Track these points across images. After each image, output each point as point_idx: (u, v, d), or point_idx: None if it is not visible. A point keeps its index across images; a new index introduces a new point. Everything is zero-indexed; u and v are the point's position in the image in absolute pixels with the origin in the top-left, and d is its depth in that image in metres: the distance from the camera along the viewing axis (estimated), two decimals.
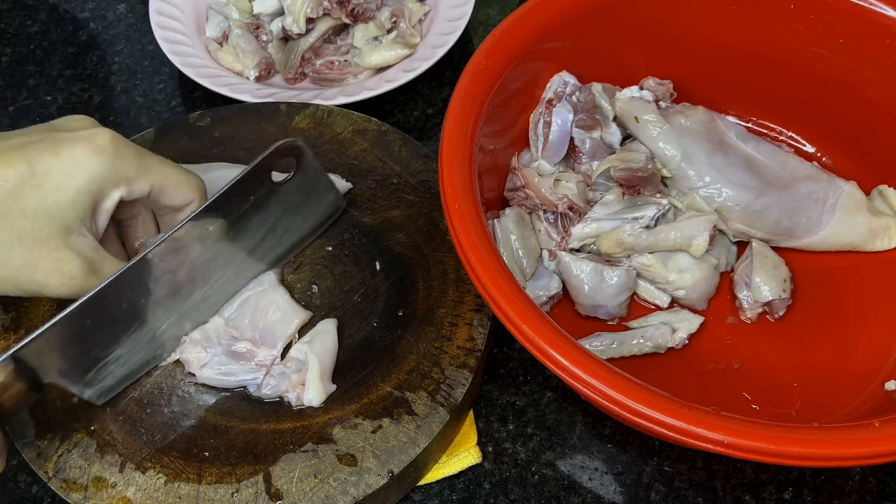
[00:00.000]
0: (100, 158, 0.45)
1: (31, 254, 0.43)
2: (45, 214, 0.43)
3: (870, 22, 0.59)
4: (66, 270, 0.44)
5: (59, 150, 0.44)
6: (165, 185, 0.49)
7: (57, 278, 0.43)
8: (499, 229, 0.58)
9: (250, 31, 0.76)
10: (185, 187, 0.50)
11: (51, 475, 0.49)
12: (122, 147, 0.46)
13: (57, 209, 0.43)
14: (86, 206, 0.45)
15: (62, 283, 0.44)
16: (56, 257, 0.43)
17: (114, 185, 0.46)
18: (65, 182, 0.44)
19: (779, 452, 0.41)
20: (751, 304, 0.59)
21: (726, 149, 0.61)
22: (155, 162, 0.48)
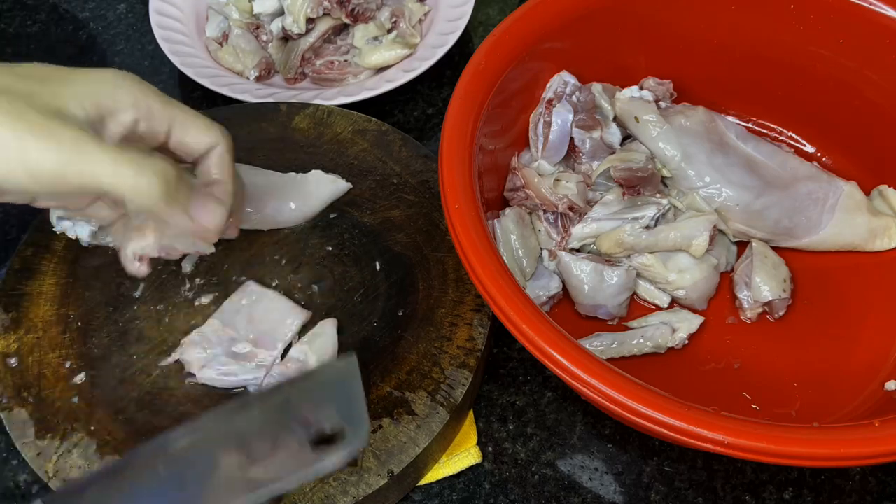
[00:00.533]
0: (123, 77, 0.45)
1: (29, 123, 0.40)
2: (48, 93, 0.42)
3: (870, 22, 0.59)
4: (58, 134, 0.40)
5: (87, 70, 0.45)
6: (187, 124, 0.47)
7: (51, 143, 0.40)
8: (499, 229, 0.58)
9: (250, 31, 0.76)
10: (209, 130, 0.48)
11: (51, 475, 0.49)
12: (147, 84, 0.46)
13: (61, 95, 0.42)
14: (93, 105, 0.43)
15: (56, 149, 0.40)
16: (49, 125, 0.40)
17: (132, 101, 0.44)
18: (79, 79, 0.43)
19: (779, 452, 0.41)
20: (751, 304, 0.59)
21: (726, 149, 0.61)
22: (178, 104, 0.47)
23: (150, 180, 0.42)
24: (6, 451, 0.56)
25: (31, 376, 0.53)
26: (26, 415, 0.51)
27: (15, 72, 0.43)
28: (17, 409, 0.52)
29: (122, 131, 0.44)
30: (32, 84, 0.42)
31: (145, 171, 0.42)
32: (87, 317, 0.56)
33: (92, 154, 0.40)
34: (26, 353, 0.54)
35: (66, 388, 0.53)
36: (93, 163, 0.40)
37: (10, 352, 0.54)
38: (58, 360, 0.54)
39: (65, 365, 0.54)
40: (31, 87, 0.42)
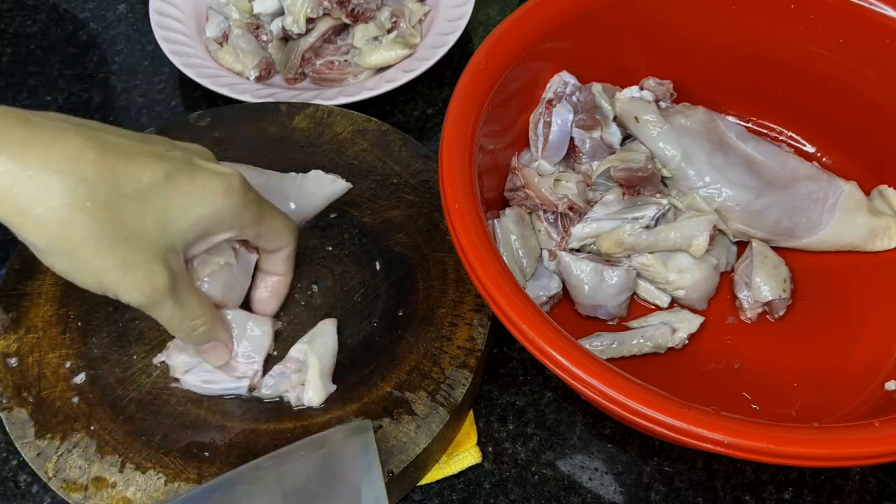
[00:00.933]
0: (227, 199, 0.46)
1: (131, 255, 0.43)
2: (159, 227, 0.44)
3: (870, 22, 0.59)
4: (154, 281, 0.44)
5: (195, 177, 0.45)
6: (270, 231, 0.51)
7: (143, 286, 0.44)
8: (499, 229, 0.58)
9: (250, 31, 0.76)
10: (284, 235, 0.53)
11: (51, 475, 0.49)
12: (248, 193, 0.48)
13: (171, 227, 0.45)
14: (196, 234, 0.46)
15: (144, 293, 0.44)
16: (151, 267, 0.44)
17: (228, 226, 0.48)
18: (190, 206, 0.45)
19: (779, 452, 0.41)
20: (751, 304, 0.59)
21: (726, 149, 0.61)
22: (269, 211, 0.51)
23: (186, 328, 0.48)
24: (6, 451, 0.56)
25: (31, 376, 0.53)
26: (26, 415, 0.51)
27: (141, 185, 0.43)
28: (17, 409, 0.52)
29: (210, 247, 0.49)
30: (151, 216, 0.44)
31: (185, 323, 0.48)
32: (87, 317, 0.56)
33: (167, 306, 0.46)
34: (26, 353, 0.54)
35: (66, 388, 0.53)
36: (163, 312, 0.47)
37: (10, 352, 0.54)
38: (58, 360, 0.54)
39: (65, 365, 0.54)
40: (150, 221, 0.44)
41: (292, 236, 0.54)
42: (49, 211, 0.40)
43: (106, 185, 0.42)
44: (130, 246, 0.43)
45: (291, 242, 0.54)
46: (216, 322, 0.50)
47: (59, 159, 0.41)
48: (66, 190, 0.40)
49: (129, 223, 0.43)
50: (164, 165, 0.44)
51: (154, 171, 0.44)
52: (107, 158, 0.42)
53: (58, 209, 0.40)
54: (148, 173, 0.44)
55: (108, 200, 0.42)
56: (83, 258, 0.42)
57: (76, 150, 0.41)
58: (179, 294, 0.46)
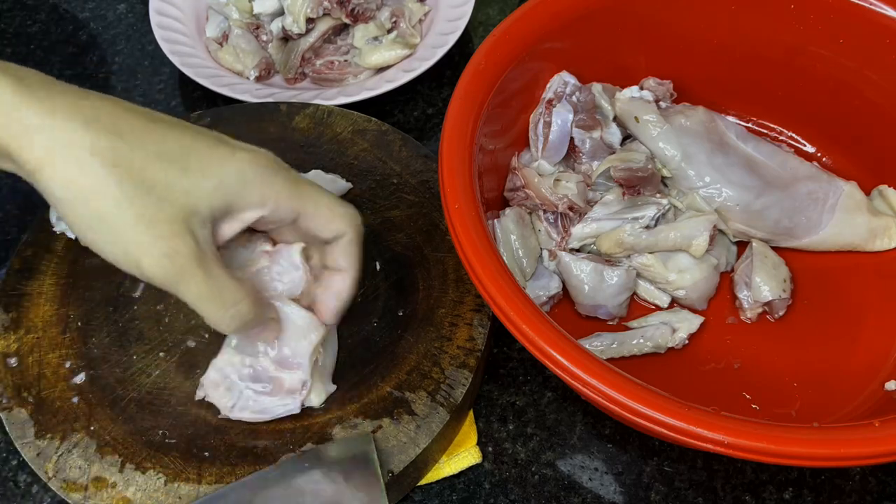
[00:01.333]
0: (255, 167, 0.44)
1: (152, 211, 0.41)
2: (183, 185, 0.42)
3: (870, 22, 0.59)
4: (176, 243, 0.41)
5: (220, 146, 0.44)
6: (316, 213, 0.47)
7: (163, 245, 0.41)
8: (499, 229, 0.58)
9: (250, 31, 0.76)
10: (338, 218, 0.47)
11: (51, 475, 0.49)
12: (281, 168, 0.46)
13: (195, 188, 0.42)
14: (223, 202, 0.43)
15: (166, 255, 0.41)
16: (173, 227, 0.41)
17: (260, 200, 0.44)
18: (213, 169, 0.43)
19: (779, 452, 0.41)
20: (751, 304, 0.59)
21: (726, 149, 0.61)
22: (310, 188, 0.47)
23: (231, 316, 0.45)
24: (6, 451, 0.56)
25: (31, 376, 0.53)
26: (26, 415, 0.51)
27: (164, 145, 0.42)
28: (17, 409, 0.52)
29: (242, 227, 0.45)
30: (174, 171, 0.42)
31: (226, 308, 0.44)
32: (87, 317, 0.56)
33: (193, 279, 0.42)
34: (26, 353, 0.54)
35: (66, 388, 0.53)
36: (192, 287, 0.43)
37: (10, 352, 0.54)
38: (58, 360, 0.54)
39: (65, 365, 0.54)
40: (172, 177, 0.42)
41: (348, 220, 0.48)
42: (70, 157, 0.40)
43: (128, 137, 0.41)
44: (152, 200, 0.41)
45: (349, 229, 0.48)
46: (261, 301, 0.47)
47: (89, 111, 0.41)
48: (88, 137, 0.40)
49: (151, 177, 0.41)
50: (189, 131, 0.43)
51: (179, 133, 0.43)
52: (132, 118, 0.42)
53: (79, 155, 0.40)
54: (172, 134, 0.43)
55: (131, 153, 0.41)
56: (102, 209, 0.41)
57: (106, 106, 0.41)
58: (210, 267, 0.43)
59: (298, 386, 0.50)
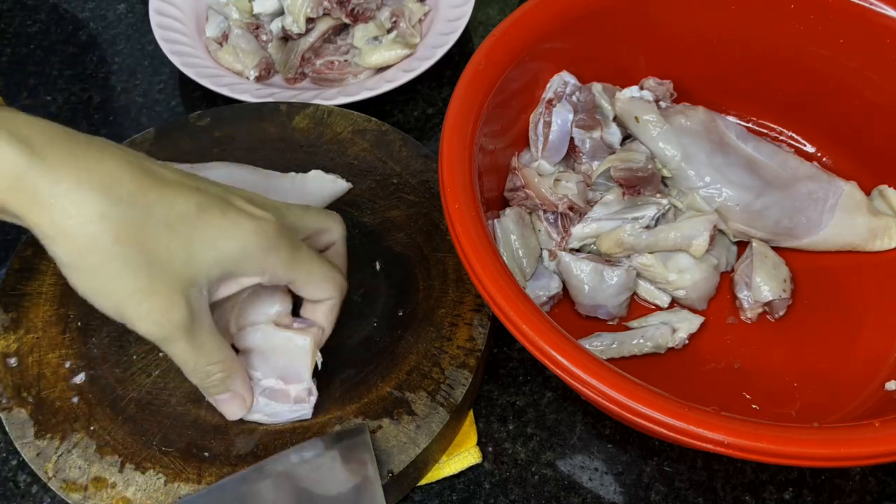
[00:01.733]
0: (259, 240, 0.45)
1: (151, 283, 0.42)
2: (184, 257, 0.43)
3: (870, 22, 0.59)
4: (171, 314, 0.43)
5: (228, 213, 0.45)
6: (309, 281, 0.49)
7: (158, 316, 0.43)
8: (499, 229, 0.58)
9: (250, 31, 0.76)
10: (327, 285, 0.50)
11: (51, 475, 0.49)
12: (283, 238, 0.47)
13: (196, 260, 0.44)
14: (221, 272, 0.45)
15: (159, 323, 0.43)
16: (171, 298, 0.43)
17: (258, 269, 0.46)
18: (217, 241, 0.44)
19: (779, 452, 0.41)
20: (751, 304, 0.59)
21: (726, 149, 0.61)
22: (306, 258, 0.48)
23: (200, 373, 0.47)
24: (6, 451, 0.56)
25: (30, 376, 0.53)
26: (26, 415, 0.51)
27: (173, 212, 0.43)
28: (17, 409, 0.52)
29: (238, 289, 0.47)
30: (179, 243, 0.43)
31: (198, 367, 0.47)
32: (87, 317, 0.56)
33: (181, 343, 0.45)
34: (26, 353, 0.54)
35: (66, 388, 0.53)
36: (176, 349, 0.45)
37: (10, 352, 0.54)
38: (58, 360, 0.54)
39: (65, 365, 0.54)
40: (175, 249, 0.43)
41: (335, 288, 0.50)
42: (78, 226, 0.40)
43: (137, 207, 0.42)
44: (153, 272, 0.42)
45: (335, 294, 0.51)
46: (235, 373, 0.49)
47: (97, 176, 0.41)
48: (97, 207, 0.41)
49: (154, 249, 0.42)
50: (198, 197, 0.44)
51: (188, 200, 0.43)
52: (143, 182, 0.42)
53: (87, 225, 0.41)
54: (181, 201, 0.43)
55: (137, 223, 0.42)
56: (104, 278, 0.42)
57: (115, 170, 0.42)
58: (196, 334, 0.45)
59: (305, 395, 0.51)
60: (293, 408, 0.51)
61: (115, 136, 0.73)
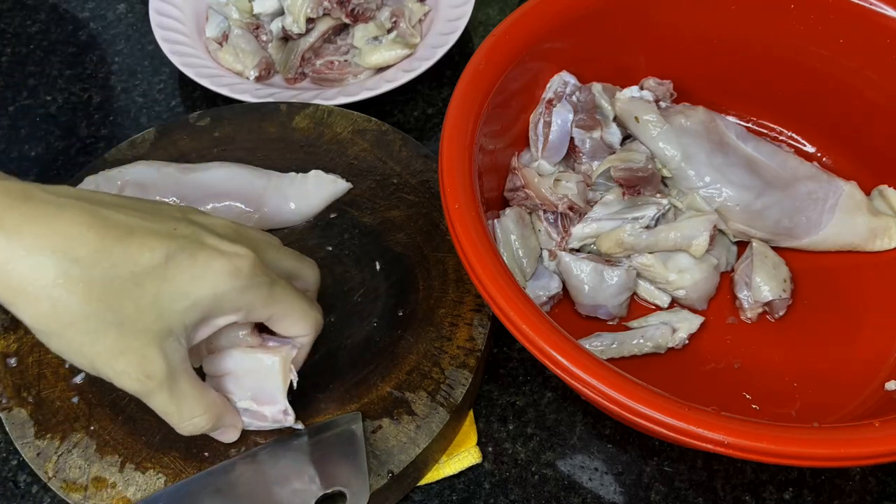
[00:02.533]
0: (233, 280, 0.44)
1: (124, 341, 0.41)
2: (155, 310, 0.42)
3: (870, 22, 0.59)
4: (147, 368, 0.42)
5: (198, 256, 0.43)
6: (286, 316, 0.47)
7: (135, 372, 0.42)
8: (499, 229, 0.58)
9: (250, 31, 0.76)
10: (303, 322, 0.48)
11: (51, 475, 0.49)
12: (258, 276, 0.45)
13: (168, 311, 0.42)
14: (197, 317, 0.43)
15: (137, 380, 0.42)
16: (144, 353, 0.42)
17: (234, 309, 0.45)
18: (189, 289, 0.43)
19: (779, 452, 0.41)
20: (751, 304, 0.59)
21: (726, 149, 0.61)
22: (283, 294, 0.47)
23: (186, 426, 0.46)
24: (6, 451, 0.56)
25: (31, 376, 0.53)
26: (26, 415, 0.51)
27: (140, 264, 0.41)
28: (17, 409, 0.52)
29: (214, 331, 0.46)
30: (147, 298, 0.41)
31: (184, 421, 0.45)
32: None
33: (162, 396, 0.44)
34: (26, 353, 0.54)
35: (66, 388, 0.53)
36: (157, 403, 0.44)
37: (10, 352, 0.54)
38: (58, 360, 0.54)
39: (65, 365, 0.54)
40: (145, 304, 0.41)
41: (311, 325, 0.49)
42: (40, 290, 0.39)
43: (101, 266, 0.40)
44: (124, 330, 0.41)
45: (310, 332, 0.49)
46: (222, 416, 0.47)
47: (55, 238, 0.40)
48: (58, 269, 0.39)
49: (123, 306, 0.41)
50: (166, 246, 0.42)
51: (154, 252, 0.42)
52: (105, 238, 0.41)
53: (49, 288, 0.39)
54: (147, 254, 0.42)
55: (103, 282, 0.40)
56: (74, 339, 0.41)
57: (74, 228, 0.40)
58: (177, 386, 0.44)
59: (281, 416, 0.49)
60: (272, 424, 0.50)
61: (115, 137, 0.73)
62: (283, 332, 0.49)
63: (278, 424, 0.50)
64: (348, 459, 0.48)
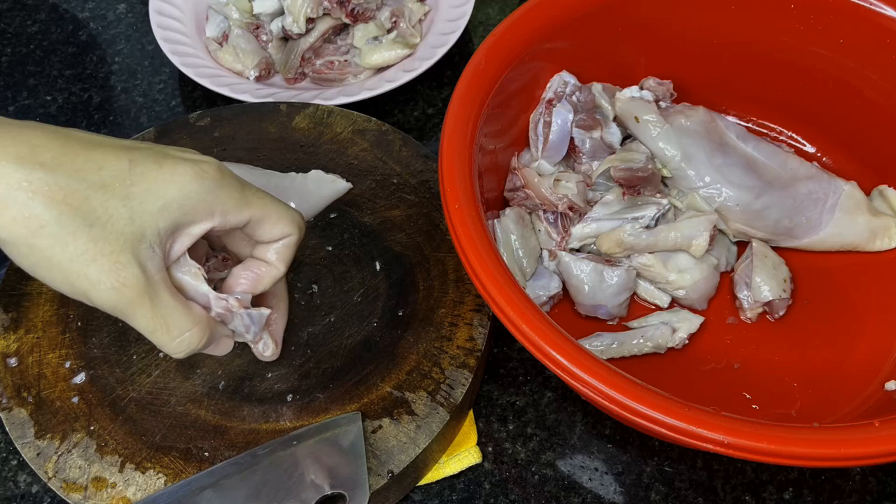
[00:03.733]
0: (200, 181, 0.43)
1: (95, 245, 0.40)
2: (125, 213, 0.41)
3: (870, 22, 0.59)
4: (122, 274, 0.41)
5: (163, 163, 0.43)
6: (264, 219, 0.46)
7: (108, 279, 0.41)
8: (499, 229, 0.58)
9: (250, 31, 0.76)
10: (283, 222, 0.47)
11: (51, 475, 0.49)
12: (226, 177, 0.45)
13: (138, 214, 0.41)
14: (169, 222, 0.42)
15: (112, 288, 0.41)
16: (117, 258, 0.41)
17: (207, 213, 0.44)
18: (157, 190, 0.42)
19: (779, 452, 0.41)
20: (751, 304, 0.59)
21: (726, 149, 0.61)
22: (256, 195, 0.46)
23: (178, 345, 0.44)
24: (6, 451, 0.56)
25: (31, 376, 0.53)
26: (26, 415, 0.51)
27: (104, 172, 0.41)
28: (17, 409, 0.52)
29: (192, 241, 0.44)
30: (115, 201, 0.41)
31: (173, 338, 0.44)
32: (87, 317, 0.56)
33: (141, 307, 0.42)
34: (26, 353, 0.54)
35: (66, 388, 0.53)
36: (141, 319, 0.43)
37: (10, 352, 0.54)
38: (58, 360, 0.54)
39: (65, 365, 0.54)
40: (113, 207, 0.41)
41: (294, 225, 0.48)
42: (5, 195, 0.39)
43: (64, 169, 0.40)
44: (94, 234, 0.40)
45: (295, 231, 0.48)
46: (214, 329, 0.46)
47: (19, 147, 0.40)
48: (21, 173, 0.39)
49: (91, 209, 0.40)
50: (129, 154, 0.42)
51: (118, 158, 0.42)
52: (67, 147, 0.41)
53: (13, 191, 0.39)
54: (111, 160, 0.42)
55: (68, 185, 0.40)
56: (44, 247, 0.40)
57: (38, 139, 0.41)
58: (158, 298, 0.43)
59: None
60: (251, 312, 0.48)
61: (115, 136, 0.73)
62: (265, 236, 0.47)
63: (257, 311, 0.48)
64: (348, 460, 0.48)
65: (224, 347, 0.49)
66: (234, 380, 0.53)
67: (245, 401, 0.53)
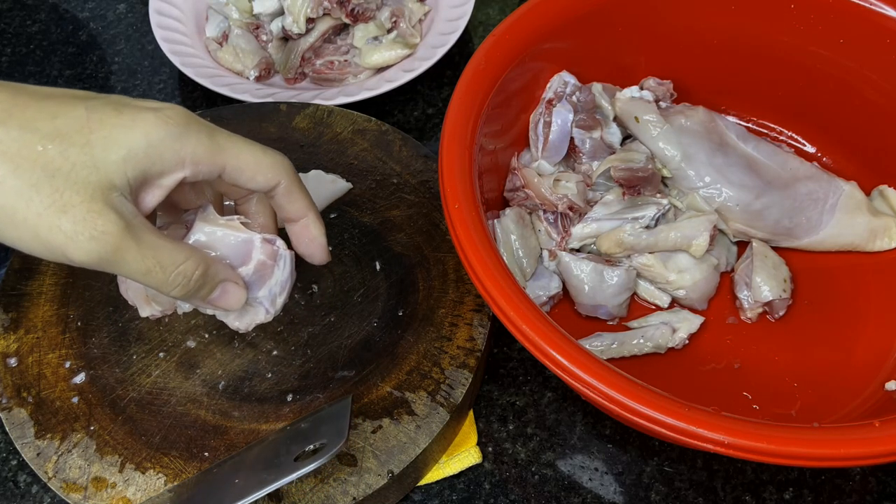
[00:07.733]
0: (165, 127, 0.40)
1: (61, 196, 0.37)
2: (87, 163, 0.38)
3: (870, 22, 0.59)
4: (98, 223, 0.38)
5: (122, 111, 0.40)
6: (242, 166, 0.43)
7: (85, 229, 0.38)
8: (499, 229, 0.58)
9: (250, 31, 0.76)
10: (266, 168, 0.44)
11: (51, 475, 0.49)
12: (193, 123, 0.41)
13: (102, 162, 0.38)
14: (137, 171, 0.39)
15: (92, 237, 0.38)
16: (89, 206, 0.38)
17: (176, 161, 0.41)
18: (119, 138, 0.39)
19: (779, 452, 0.41)
20: (751, 304, 0.59)
21: (726, 149, 0.61)
22: (229, 140, 0.43)
23: (174, 279, 0.41)
24: (6, 451, 0.56)
25: (31, 376, 0.53)
26: (26, 415, 0.51)
27: (58, 122, 0.38)
28: (17, 409, 0.52)
29: (165, 194, 0.42)
30: (74, 150, 0.38)
31: (167, 273, 0.41)
32: (87, 317, 0.56)
33: (128, 252, 0.39)
34: (26, 353, 0.54)
35: (66, 388, 0.53)
36: (131, 264, 0.40)
37: (10, 352, 0.54)
38: (58, 360, 0.54)
39: (65, 365, 0.54)
40: (74, 156, 0.38)
41: (277, 168, 0.44)
42: None
43: (15, 120, 0.38)
44: (57, 184, 0.37)
45: (282, 176, 0.44)
46: (212, 262, 0.43)
47: None
48: None
49: (49, 160, 0.37)
50: (84, 102, 0.39)
51: (73, 106, 0.39)
52: (17, 98, 0.38)
53: None
54: (66, 109, 0.39)
55: (21, 137, 0.37)
56: (9, 205, 0.37)
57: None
58: (143, 239, 0.39)
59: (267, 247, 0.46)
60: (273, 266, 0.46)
61: None
62: (251, 184, 0.44)
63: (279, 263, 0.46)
64: (333, 420, 0.47)
65: (233, 298, 0.45)
66: (234, 380, 0.53)
67: (245, 401, 0.53)
